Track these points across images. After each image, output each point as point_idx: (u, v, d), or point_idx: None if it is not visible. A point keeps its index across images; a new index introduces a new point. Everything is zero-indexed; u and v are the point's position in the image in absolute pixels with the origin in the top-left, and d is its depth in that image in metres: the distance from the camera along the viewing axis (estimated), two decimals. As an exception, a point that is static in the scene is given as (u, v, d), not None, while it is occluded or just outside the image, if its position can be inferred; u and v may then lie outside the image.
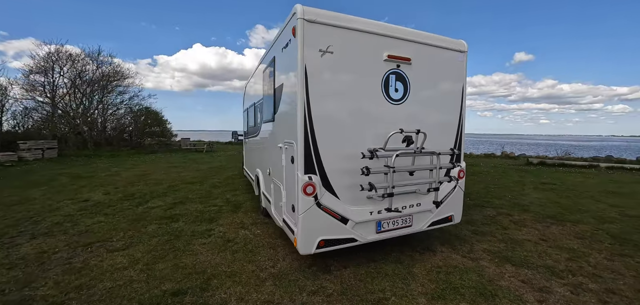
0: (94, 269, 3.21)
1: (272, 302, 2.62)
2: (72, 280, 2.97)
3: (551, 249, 3.73)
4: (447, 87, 3.53)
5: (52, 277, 3.05)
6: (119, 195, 6.61)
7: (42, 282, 2.94)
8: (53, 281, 2.96)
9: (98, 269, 3.20)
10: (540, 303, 2.62)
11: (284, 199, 3.30)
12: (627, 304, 2.60)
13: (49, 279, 3.01)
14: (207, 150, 18.87)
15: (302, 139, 2.73)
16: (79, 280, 2.98)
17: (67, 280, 2.96)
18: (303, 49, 2.65)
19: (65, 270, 3.17)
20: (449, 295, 2.72)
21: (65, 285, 2.89)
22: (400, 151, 2.88)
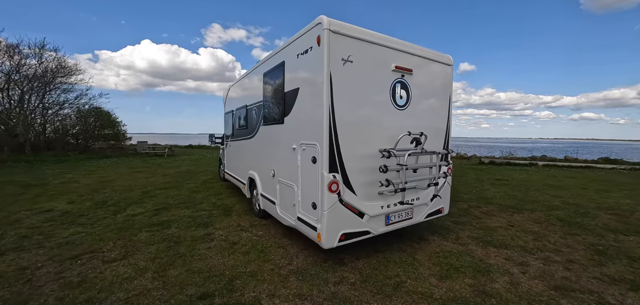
0: (97, 281, 2.99)
1: (303, 295, 2.76)
2: (77, 295, 2.75)
3: (519, 233, 4.44)
4: (438, 95, 4.02)
5: (49, 293, 2.78)
6: (88, 204, 6.01)
7: (40, 300, 2.67)
8: (54, 298, 2.70)
9: (102, 281, 2.99)
10: (523, 274, 3.17)
11: (299, 198, 3.44)
12: (584, 269, 3.28)
13: (47, 296, 2.74)
14: (168, 155, 17.66)
15: (327, 140, 2.93)
16: (85, 293, 2.77)
17: (71, 296, 2.73)
18: (329, 57, 2.86)
19: (62, 286, 2.90)
20: (453, 274, 3.14)
21: (72, 300, 2.67)
22: (410, 151, 3.25)
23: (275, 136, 4.12)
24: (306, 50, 3.17)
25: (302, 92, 3.33)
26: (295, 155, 3.47)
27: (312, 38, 3.03)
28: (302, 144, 3.34)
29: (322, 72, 2.89)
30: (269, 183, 4.39)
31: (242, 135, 5.85)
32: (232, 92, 6.82)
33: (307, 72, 3.19)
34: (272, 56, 4.14)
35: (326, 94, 2.88)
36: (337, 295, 2.76)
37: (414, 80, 3.65)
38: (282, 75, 3.79)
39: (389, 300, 2.69)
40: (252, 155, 5.25)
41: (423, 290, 2.87)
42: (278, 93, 3.96)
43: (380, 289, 2.89)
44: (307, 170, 3.26)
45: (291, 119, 3.61)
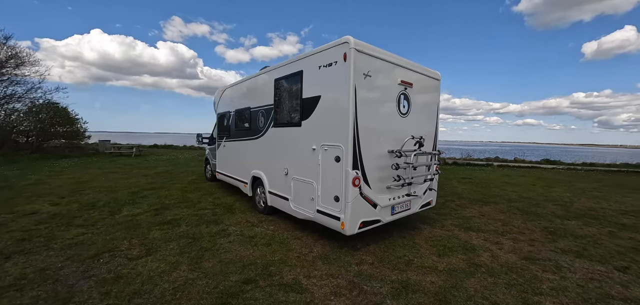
0: (133, 275, 3.11)
1: (333, 275, 3.20)
2: (121, 288, 2.87)
3: (490, 220, 5.35)
4: (430, 105, 4.73)
5: (88, 290, 2.86)
6: (75, 205, 5.77)
7: (84, 296, 2.75)
8: (98, 292, 2.80)
9: (139, 275, 3.12)
10: (500, 250, 3.97)
11: (319, 193, 3.87)
12: (542, 244, 4.20)
13: (89, 292, 2.82)
14: (135, 155, 16.65)
15: (352, 142, 3.41)
16: (129, 287, 2.90)
17: (115, 290, 2.84)
18: (354, 72, 3.35)
19: (98, 282, 2.98)
20: (449, 253, 3.83)
21: (118, 293, 2.80)
22: (415, 151, 3.88)
23: (290, 138, 4.49)
24: (330, 63, 3.63)
25: (324, 100, 3.78)
26: (316, 155, 3.90)
27: (337, 54, 3.49)
28: (324, 145, 3.78)
29: (348, 84, 3.38)
30: (281, 181, 4.73)
31: (244, 136, 6.07)
32: (230, 94, 6.96)
33: (331, 82, 3.64)
34: (287, 64, 4.50)
35: (352, 103, 3.37)
36: (362, 273, 3.26)
37: (413, 92, 4.30)
38: (300, 83, 4.18)
39: (405, 273, 3.26)
40: (257, 155, 5.52)
41: (428, 265, 3.49)
42: (294, 99, 4.35)
43: (395, 266, 3.46)
44: (329, 168, 3.71)
45: (311, 122, 4.02)
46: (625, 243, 4.31)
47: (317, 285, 2.98)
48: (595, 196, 7.65)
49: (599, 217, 5.62)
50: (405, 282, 3.09)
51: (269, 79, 4.98)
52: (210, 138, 8.96)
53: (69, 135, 16.07)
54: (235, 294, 2.78)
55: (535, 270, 3.41)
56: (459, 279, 3.18)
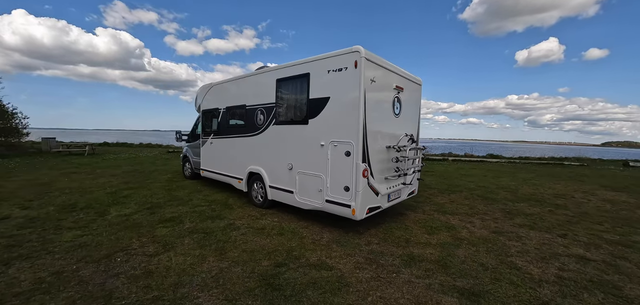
0: (164, 270, 3.19)
1: (350, 254, 3.67)
2: (159, 282, 2.95)
3: (459, 205, 6.31)
4: (414, 107, 5.45)
5: (122, 286, 2.90)
6: (51, 208, 5.37)
7: (123, 292, 2.79)
8: (137, 287, 2.86)
9: (171, 269, 3.20)
10: (473, 226, 4.84)
11: (328, 184, 4.30)
12: (503, 221, 5.19)
13: (126, 288, 2.86)
14: (89, 153, 15.13)
15: (361, 139, 3.90)
16: (167, 279, 2.99)
17: (154, 284, 2.91)
18: (363, 78, 3.84)
19: (130, 278, 3.02)
20: (436, 232, 4.56)
21: (158, 286, 2.89)
22: (411, 147, 4.52)
23: (295, 135, 4.81)
24: (340, 68, 4.07)
25: (333, 101, 4.20)
26: (325, 151, 4.31)
27: (348, 61, 3.94)
28: (333, 142, 4.21)
29: (358, 89, 3.85)
30: (284, 175, 5.04)
31: (238, 133, 6.19)
32: (218, 92, 6.96)
33: (341, 86, 4.08)
34: (292, 67, 4.81)
35: (362, 105, 3.85)
36: (373, 251, 3.78)
37: (403, 95, 4.95)
38: (307, 84, 4.55)
39: (407, 248, 3.87)
40: (255, 151, 5.71)
41: (423, 241, 4.16)
42: (300, 99, 4.69)
43: (397, 243, 4.05)
44: (338, 161, 4.15)
45: (319, 121, 4.41)
46: (561, 218, 5.53)
47: (341, 263, 3.42)
48: (534, 184, 9.31)
49: (539, 200, 6.98)
50: (410, 254, 3.69)
51: (270, 79, 5.22)
52: (191, 135, 8.74)
53: (3, 132, 13.91)
54: (274, 275, 3.09)
55: (503, 240, 4.29)
56: (450, 249, 3.89)
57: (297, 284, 2.93)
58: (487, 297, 2.82)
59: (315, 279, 3.03)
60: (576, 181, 10.14)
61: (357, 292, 2.85)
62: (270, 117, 5.27)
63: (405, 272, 3.26)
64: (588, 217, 5.62)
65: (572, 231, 4.76)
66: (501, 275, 3.27)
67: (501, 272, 3.34)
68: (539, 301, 2.81)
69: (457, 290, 2.92)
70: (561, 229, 4.84)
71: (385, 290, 2.90)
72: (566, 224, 5.15)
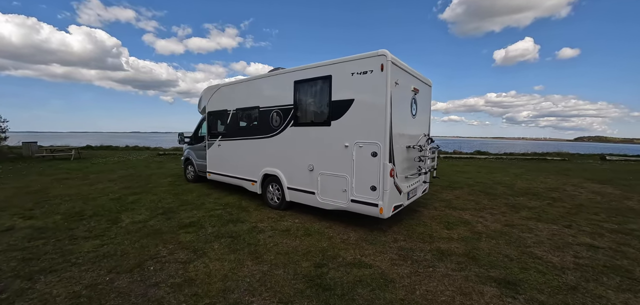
0: (207, 276, 3.14)
1: (383, 252, 3.78)
2: (207, 289, 2.91)
3: (465, 202, 6.60)
4: (426, 108, 5.65)
5: (167, 297, 2.86)
6: (58, 217, 5.14)
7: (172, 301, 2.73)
8: (185, 296, 2.81)
9: (212, 276, 3.16)
10: (486, 221, 5.10)
11: (353, 184, 4.39)
12: (511, 215, 5.49)
13: (175, 298, 2.82)
14: (75, 158, 14.41)
15: (388, 139, 4.02)
16: (213, 286, 2.96)
17: (201, 291, 2.88)
18: (389, 81, 3.96)
19: (174, 287, 2.97)
20: (453, 226, 4.77)
21: (206, 292, 2.86)
22: (430, 146, 4.69)
23: (316, 136, 4.86)
24: (365, 71, 4.17)
25: (358, 103, 4.29)
26: (349, 151, 4.40)
27: (374, 64, 4.05)
28: (358, 143, 4.31)
29: (385, 91, 3.97)
30: (304, 176, 5.08)
31: (251, 135, 6.15)
32: (227, 93, 6.87)
33: (366, 88, 4.18)
34: (311, 69, 4.86)
35: (388, 107, 3.98)
36: (403, 248, 3.92)
37: (418, 97, 5.13)
38: (328, 86, 4.61)
39: (434, 244, 4.04)
40: (270, 153, 5.71)
41: (445, 236, 4.35)
42: (322, 100, 4.75)
43: (423, 239, 4.21)
44: (364, 162, 4.25)
45: (342, 122, 4.49)
46: (561, 210, 5.92)
47: (377, 260, 3.53)
48: (526, 179, 9.84)
49: (536, 194, 7.41)
50: (438, 249, 3.86)
51: (287, 81, 5.24)
52: (194, 138, 8.56)
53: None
54: (319, 276, 3.14)
55: (517, 232, 4.56)
56: (473, 243, 4.10)
57: (344, 283, 3.00)
58: (522, 285, 3.02)
59: (360, 277, 3.12)
60: (563, 175, 10.82)
61: (404, 287, 2.96)
62: (288, 119, 5.29)
63: (441, 266, 3.41)
64: (584, 208, 6.05)
65: (575, 222, 5.12)
66: (527, 264, 3.49)
67: (526, 261, 3.56)
68: (568, 286, 3.04)
69: (493, 280, 3.11)
70: (565, 221, 5.19)
71: (429, 283, 3.03)
72: (567, 215, 5.53)
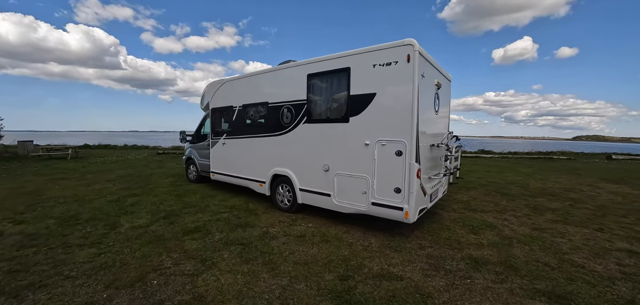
0: (219, 292, 2.78)
1: (411, 261, 3.44)
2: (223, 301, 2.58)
3: (483, 203, 6.27)
4: (447, 103, 5.31)
5: (174, 309, 2.51)
6: (51, 221, 4.74)
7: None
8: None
9: (225, 291, 2.80)
10: (511, 224, 4.77)
11: (374, 186, 4.04)
12: (536, 218, 5.17)
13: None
14: (72, 157, 13.96)
15: (415, 137, 3.68)
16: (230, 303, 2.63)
17: None
18: (417, 73, 3.61)
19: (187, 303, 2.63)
20: (479, 231, 4.43)
21: None
22: (456, 145, 4.36)
23: (333, 134, 4.50)
24: (388, 63, 3.81)
25: (380, 97, 3.94)
26: (370, 150, 4.05)
27: (399, 54, 3.70)
28: (380, 141, 3.96)
29: (411, 84, 3.62)
30: (318, 177, 4.72)
31: (258, 133, 5.77)
32: (232, 88, 6.48)
33: (390, 81, 3.82)
34: (327, 60, 4.49)
35: (415, 101, 3.63)
36: (432, 255, 3.58)
37: (441, 92, 4.79)
38: (346, 79, 4.25)
39: (464, 250, 3.71)
40: (281, 152, 5.34)
41: (473, 241, 4.02)
42: (339, 95, 4.39)
43: (450, 245, 3.89)
44: (387, 162, 3.90)
45: (362, 119, 4.13)
46: (585, 212, 5.62)
47: (407, 271, 3.19)
48: (539, 178, 9.56)
49: (554, 194, 7.12)
50: (471, 257, 3.53)
51: (299, 74, 4.87)
52: (196, 136, 8.17)
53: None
54: (346, 290, 2.79)
55: (548, 237, 4.24)
56: (506, 250, 3.77)
57: (376, 299, 2.66)
58: (574, 299, 2.70)
59: (392, 292, 2.77)
60: (574, 174, 10.56)
61: (444, 303, 2.62)
62: (300, 115, 4.92)
63: (479, 277, 3.08)
64: (609, 210, 5.76)
65: (605, 225, 4.81)
66: (571, 274, 3.17)
67: (569, 271, 3.25)
68: (624, 299, 2.73)
69: (541, 293, 2.78)
70: (593, 223, 4.89)
71: (471, 298, 2.70)
72: (594, 218, 5.22)
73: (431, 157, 4.43)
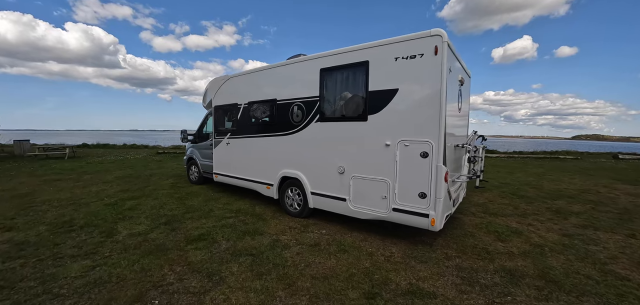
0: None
1: (441, 274, 3.12)
2: None
3: (502, 206, 5.96)
4: (468, 102, 4.99)
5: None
6: (43, 227, 4.39)
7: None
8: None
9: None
10: (538, 230, 4.46)
11: (396, 190, 3.72)
12: (562, 223, 4.86)
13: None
14: (69, 157, 13.56)
15: (443, 137, 3.35)
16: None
17: None
18: (445, 67, 3.28)
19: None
20: (505, 238, 4.12)
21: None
22: (482, 146, 4.04)
23: (348, 133, 4.16)
24: (413, 55, 3.48)
25: (403, 94, 3.61)
26: (391, 151, 3.72)
27: (425, 46, 3.37)
28: (403, 141, 3.63)
29: (439, 79, 3.29)
30: (332, 180, 4.39)
31: (265, 132, 5.43)
32: (236, 85, 6.13)
33: (414, 76, 3.49)
34: (342, 54, 4.15)
35: (444, 99, 3.30)
36: (461, 267, 3.26)
37: (463, 89, 4.47)
38: (364, 74, 3.92)
39: (496, 261, 3.39)
40: (290, 152, 5.00)
41: (503, 250, 3.71)
42: (356, 91, 4.06)
43: (479, 254, 3.58)
44: (410, 164, 3.58)
45: (382, 117, 3.80)
46: (611, 216, 5.31)
47: (438, 286, 2.87)
48: (551, 179, 9.27)
49: (572, 197, 6.82)
50: (505, 269, 3.21)
51: (311, 69, 4.53)
52: (198, 135, 7.81)
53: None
54: (376, 312, 2.47)
55: (581, 245, 3.94)
56: (540, 259, 3.47)
57: (413, 323, 2.34)
58: (635, 323, 2.39)
59: (429, 314, 2.46)
60: (585, 175, 10.29)
61: (491, 328, 2.30)
62: (312, 113, 4.58)
63: (520, 294, 2.76)
64: (633, 214, 5.47)
65: (636, 231, 4.52)
66: (619, 289, 2.87)
67: (615, 285, 2.94)
68: (688, 323, 2.42)
69: (596, 316, 2.47)
70: (623, 229, 4.59)
71: (519, 322, 2.38)
72: (621, 222, 4.92)
73: (454, 158, 4.11)
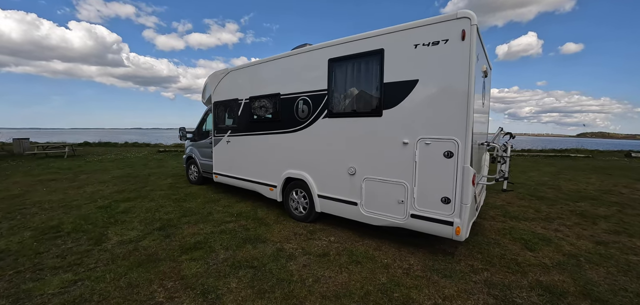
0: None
1: (468, 291, 2.73)
2: None
3: (522, 209, 5.52)
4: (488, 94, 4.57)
5: None
6: (28, 233, 4.06)
7: None
8: None
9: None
10: (567, 237, 4.05)
11: (414, 194, 3.32)
12: (592, 228, 4.44)
13: None
14: (69, 155, 13.26)
15: (470, 135, 2.95)
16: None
17: None
18: (473, 54, 2.87)
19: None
20: (534, 247, 3.70)
21: None
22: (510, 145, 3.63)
23: (360, 130, 3.76)
24: (436, 41, 3.07)
25: (424, 85, 3.20)
26: (409, 151, 3.33)
27: (451, 30, 2.96)
28: (423, 139, 3.23)
29: (466, 69, 2.89)
30: (342, 182, 4.01)
31: (268, 129, 5.04)
32: (235, 79, 5.74)
33: (437, 64, 3.08)
34: (354, 42, 3.74)
35: (472, 91, 2.90)
36: (492, 283, 2.87)
37: (486, 81, 4.06)
38: (379, 64, 3.51)
39: (529, 275, 3.00)
40: (295, 152, 4.61)
41: (534, 261, 3.31)
42: (369, 83, 3.66)
43: (508, 266, 3.19)
44: (432, 165, 3.18)
45: (399, 112, 3.39)
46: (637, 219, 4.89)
47: (470, 309, 2.48)
48: (567, 179, 8.82)
49: (594, 198, 6.37)
50: (540, 284, 2.83)
51: (319, 59, 4.13)
52: (197, 133, 7.44)
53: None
54: (402, 343, 2.08)
55: (618, 254, 3.53)
56: (578, 273, 3.07)
57: (448, 359, 1.95)
58: None
59: (465, 345, 2.07)
60: (602, 174, 9.82)
61: (543, 367, 1.91)
62: (320, 108, 4.18)
63: (566, 319, 2.37)
64: (666, 217, 5.04)
65: (676, 237, 4.11)
66: (681, 312, 2.47)
67: (674, 307, 2.54)
68: None
69: (664, 349, 2.08)
70: (662, 235, 4.18)
71: (574, 357, 1.99)
72: (657, 227, 4.52)
73: (477, 158, 3.71)
